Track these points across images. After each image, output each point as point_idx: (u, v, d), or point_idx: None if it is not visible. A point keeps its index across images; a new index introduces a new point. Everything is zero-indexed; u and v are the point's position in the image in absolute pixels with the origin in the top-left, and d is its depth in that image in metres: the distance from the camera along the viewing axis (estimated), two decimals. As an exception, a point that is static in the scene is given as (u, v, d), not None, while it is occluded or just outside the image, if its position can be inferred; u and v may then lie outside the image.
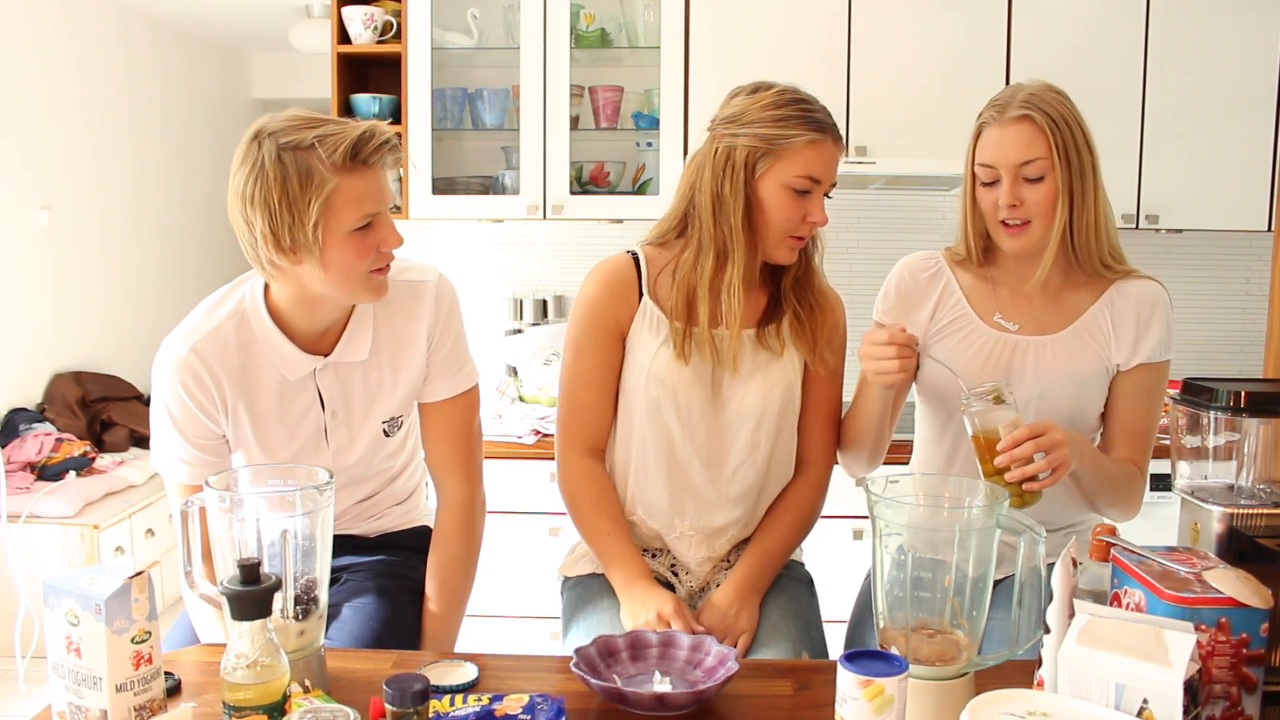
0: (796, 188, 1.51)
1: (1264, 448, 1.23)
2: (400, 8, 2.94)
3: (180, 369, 1.43)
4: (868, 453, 1.65)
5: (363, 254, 1.37)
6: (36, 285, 3.95)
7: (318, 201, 1.31)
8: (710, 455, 1.60)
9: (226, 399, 1.45)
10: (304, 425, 1.51)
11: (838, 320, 1.65)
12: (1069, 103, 1.53)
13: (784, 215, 1.52)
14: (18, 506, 3.33)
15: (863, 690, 0.97)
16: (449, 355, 1.58)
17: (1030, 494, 1.38)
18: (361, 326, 1.50)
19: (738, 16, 2.90)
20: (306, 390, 1.50)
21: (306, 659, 1.20)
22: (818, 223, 1.53)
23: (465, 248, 3.36)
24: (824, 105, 1.56)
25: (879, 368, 1.47)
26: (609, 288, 1.60)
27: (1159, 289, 1.60)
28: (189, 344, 1.43)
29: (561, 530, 2.74)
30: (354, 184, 1.33)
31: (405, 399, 1.57)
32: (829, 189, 1.55)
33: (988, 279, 1.64)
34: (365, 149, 1.33)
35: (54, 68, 4.02)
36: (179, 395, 1.44)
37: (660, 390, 1.57)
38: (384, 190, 1.38)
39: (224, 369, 1.44)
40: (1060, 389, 1.57)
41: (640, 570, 1.54)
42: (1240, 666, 1.02)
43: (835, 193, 1.58)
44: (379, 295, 1.44)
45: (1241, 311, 3.29)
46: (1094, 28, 2.87)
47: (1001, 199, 1.52)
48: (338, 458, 1.54)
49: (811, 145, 1.50)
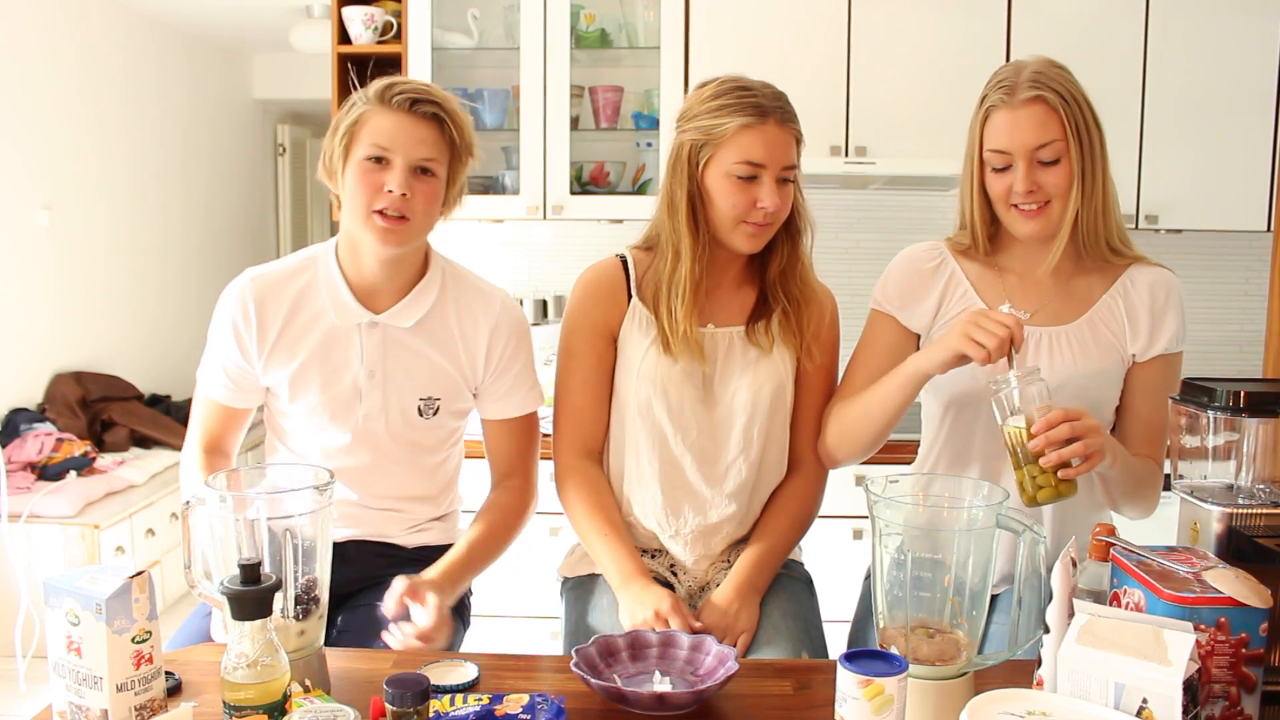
0: (738, 174, 1.50)
1: (1263, 448, 1.23)
2: (400, 8, 2.94)
3: (234, 296, 1.57)
4: (866, 444, 1.58)
5: (365, 183, 1.48)
6: (37, 285, 3.95)
7: (347, 122, 1.50)
8: (703, 452, 1.60)
9: (269, 337, 1.56)
10: (341, 378, 1.57)
11: (824, 314, 1.63)
12: (1073, 78, 1.49)
13: (730, 203, 1.51)
14: (18, 506, 3.33)
15: (863, 690, 0.97)
16: (520, 374, 1.67)
17: (1066, 482, 1.32)
18: (421, 299, 1.59)
19: (738, 16, 2.90)
20: (350, 344, 1.57)
21: (306, 659, 1.20)
22: (768, 208, 1.50)
23: (465, 248, 3.36)
24: (776, 91, 1.54)
25: (981, 336, 1.35)
26: (598, 291, 1.62)
27: (1172, 276, 1.57)
28: (251, 274, 1.58)
29: (561, 530, 2.74)
30: (377, 118, 1.48)
31: (447, 385, 1.61)
32: (784, 173, 1.52)
33: (995, 267, 1.60)
34: (391, 90, 1.48)
35: (55, 68, 4.02)
36: (227, 327, 1.57)
37: (651, 389, 1.57)
38: (405, 135, 1.48)
39: (275, 302, 1.56)
40: (1077, 382, 1.52)
41: (637, 568, 1.54)
42: (1239, 666, 1.02)
43: (835, 192, 1.58)
44: (383, 241, 1.50)
45: (1241, 311, 3.29)
46: (1094, 28, 2.87)
47: (1017, 185, 1.47)
48: (366, 422, 1.58)
49: (746, 130, 1.49)
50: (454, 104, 1.54)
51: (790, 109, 1.54)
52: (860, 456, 1.62)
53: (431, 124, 1.50)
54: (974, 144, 1.53)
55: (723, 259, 1.60)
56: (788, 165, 1.52)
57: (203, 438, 1.64)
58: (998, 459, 1.56)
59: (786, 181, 1.53)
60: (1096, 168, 1.49)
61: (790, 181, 1.54)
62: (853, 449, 1.60)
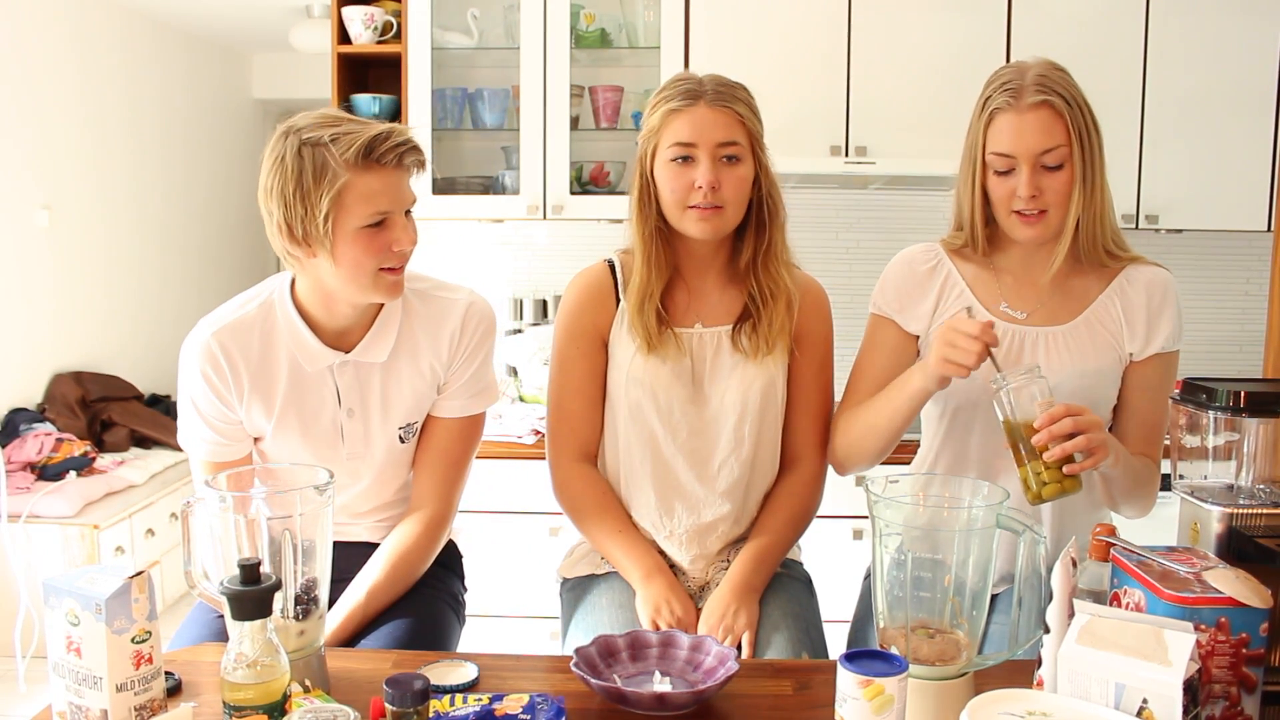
0: (674, 157, 1.52)
1: (1264, 448, 1.23)
2: (400, 8, 2.94)
3: (202, 355, 1.48)
4: (875, 454, 1.58)
5: (371, 251, 1.39)
6: (37, 285, 3.95)
7: (328, 196, 1.35)
8: (694, 452, 1.60)
9: (244, 386, 1.49)
10: (320, 420, 1.53)
11: (809, 306, 1.62)
12: (1075, 81, 1.49)
13: (671, 189, 1.53)
14: (18, 506, 3.33)
15: (863, 690, 0.97)
16: (474, 376, 1.58)
17: (1070, 479, 1.32)
18: (386, 330, 1.52)
19: (738, 16, 2.90)
20: (324, 385, 1.52)
21: (306, 659, 1.20)
22: (703, 186, 1.50)
23: (465, 248, 3.36)
24: (720, 79, 1.55)
25: (956, 356, 1.37)
26: (587, 296, 1.64)
27: (1168, 275, 1.57)
28: (211, 330, 1.48)
29: (561, 530, 2.74)
30: (366, 181, 1.36)
31: (422, 405, 1.58)
32: (721, 150, 1.51)
33: (991, 267, 1.60)
34: (379, 148, 1.36)
35: (55, 68, 4.02)
36: (199, 380, 1.49)
37: (640, 391, 1.58)
38: (399, 191, 1.40)
39: (243, 356, 1.48)
40: (1074, 381, 1.52)
41: (656, 564, 1.57)
42: (1240, 666, 1.02)
43: (835, 192, 1.58)
44: (392, 295, 1.45)
45: (1241, 311, 3.29)
46: (1094, 28, 2.87)
47: (1021, 189, 1.46)
48: (354, 458, 1.55)
49: (675, 114, 1.51)
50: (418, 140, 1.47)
51: (729, 92, 1.53)
52: (870, 465, 1.63)
53: (417, 169, 1.44)
54: (976, 145, 1.51)
55: (701, 256, 1.60)
56: (723, 142, 1.51)
57: None
58: (996, 460, 1.56)
59: (732, 161, 1.52)
60: (1097, 173, 1.49)
61: (735, 161, 1.53)
62: (862, 459, 1.62)
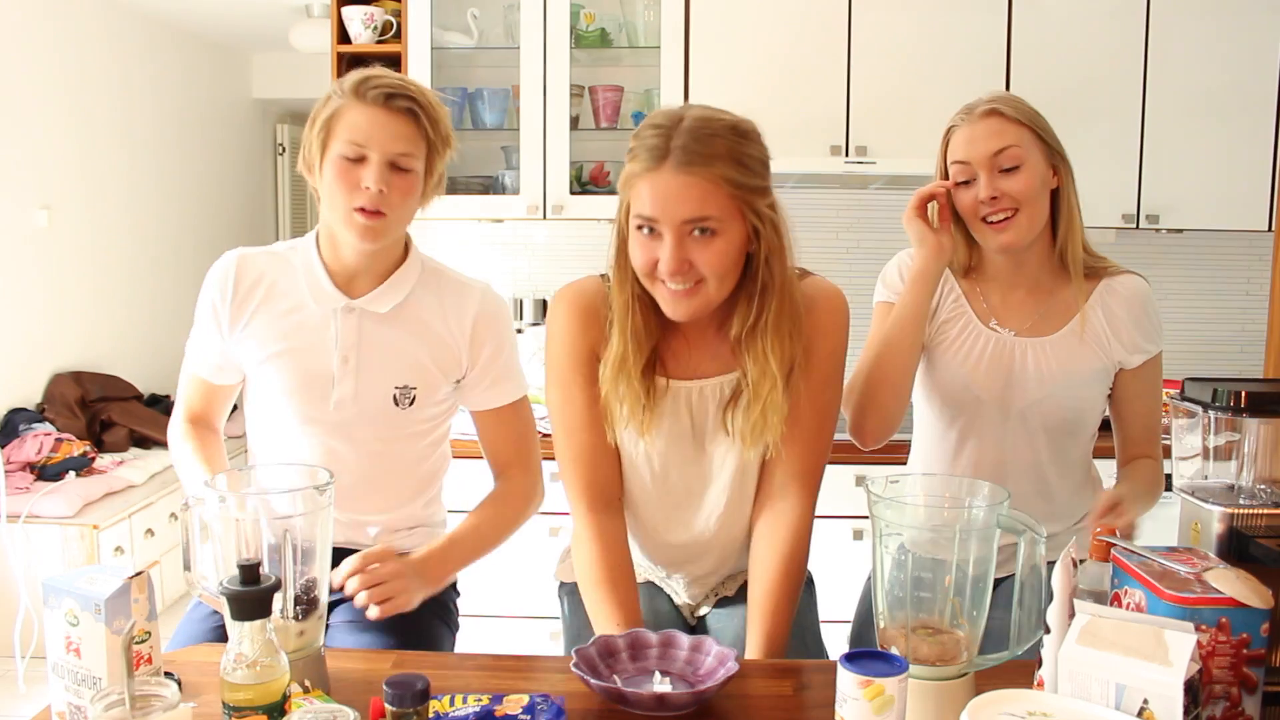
0: (638, 226, 1.31)
1: (1264, 448, 1.23)
2: (400, 7, 2.94)
3: (218, 269, 1.59)
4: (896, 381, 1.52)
5: (343, 183, 1.48)
6: (36, 285, 3.95)
7: (324, 116, 1.50)
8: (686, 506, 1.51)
9: (248, 309, 1.57)
10: (314, 363, 1.56)
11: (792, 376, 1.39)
12: (1029, 105, 1.55)
13: (638, 262, 1.33)
14: (17, 506, 3.32)
15: (863, 690, 0.97)
16: (505, 365, 1.64)
17: None
18: (398, 285, 1.59)
19: (738, 16, 2.90)
20: (326, 328, 1.57)
21: (306, 659, 1.20)
22: (666, 270, 1.29)
23: (465, 248, 3.36)
24: (696, 125, 1.26)
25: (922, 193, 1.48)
26: (581, 315, 1.45)
27: (1143, 282, 1.62)
28: (239, 251, 1.60)
29: (561, 530, 2.74)
30: (353, 113, 1.48)
31: (424, 376, 1.59)
32: (687, 227, 1.26)
33: (975, 292, 1.65)
34: (365, 85, 1.48)
35: (52, 68, 4.02)
36: (206, 296, 1.59)
37: (634, 450, 1.46)
38: (382, 131, 1.47)
39: (256, 281, 1.58)
40: (1064, 390, 1.57)
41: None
42: (1240, 667, 1.02)
43: (835, 192, 1.57)
44: (363, 238, 1.50)
45: (1241, 311, 3.29)
46: (1094, 28, 2.88)
47: (981, 193, 1.52)
48: (339, 407, 1.57)
49: (637, 178, 1.29)
50: (430, 97, 1.52)
51: (705, 150, 1.25)
52: (891, 408, 1.56)
53: (407, 118, 1.48)
54: (940, 166, 1.59)
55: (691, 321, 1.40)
56: (690, 220, 1.26)
57: (187, 411, 1.66)
58: (994, 467, 1.59)
59: (706, 234, 1.28)
60: (1065, 179, 1.55)
61: (710, 234, 1.28)
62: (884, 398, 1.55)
